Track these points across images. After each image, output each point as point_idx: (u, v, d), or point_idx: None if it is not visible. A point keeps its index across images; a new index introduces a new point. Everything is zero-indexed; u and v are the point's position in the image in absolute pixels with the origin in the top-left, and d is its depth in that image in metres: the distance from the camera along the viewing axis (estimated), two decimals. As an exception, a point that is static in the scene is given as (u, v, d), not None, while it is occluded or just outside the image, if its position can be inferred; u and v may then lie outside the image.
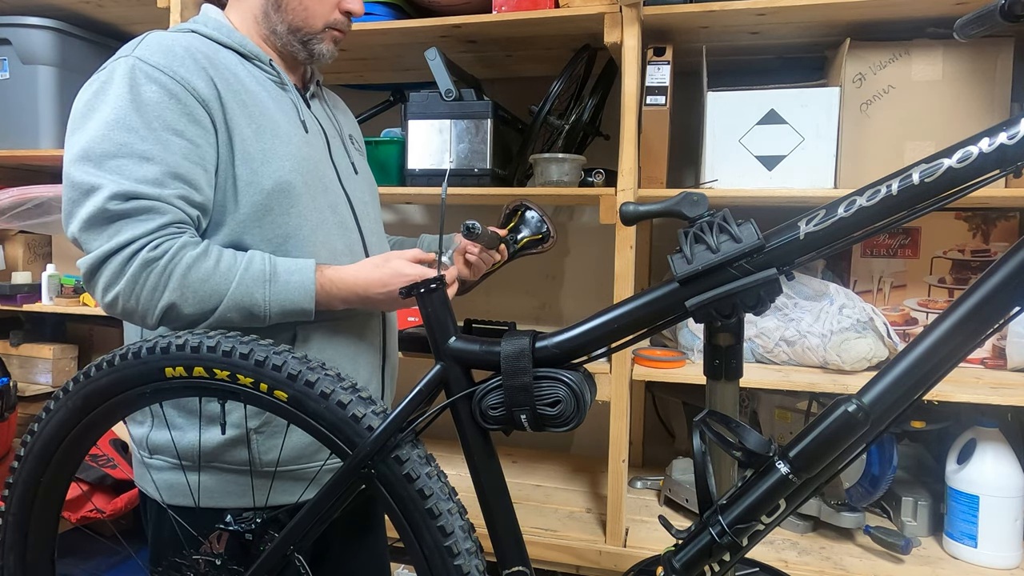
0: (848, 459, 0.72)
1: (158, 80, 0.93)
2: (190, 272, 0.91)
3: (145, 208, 0.90)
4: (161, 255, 0.90)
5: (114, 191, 0.89)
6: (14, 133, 1.98)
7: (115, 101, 0.92)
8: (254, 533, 0.92)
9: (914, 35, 1.51)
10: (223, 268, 0.93)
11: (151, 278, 0.90)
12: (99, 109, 0.93)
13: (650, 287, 0.79)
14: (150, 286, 0.90)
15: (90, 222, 0.90)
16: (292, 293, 0.96)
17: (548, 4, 1.52)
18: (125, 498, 1.76)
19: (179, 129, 0.94)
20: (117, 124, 0.91)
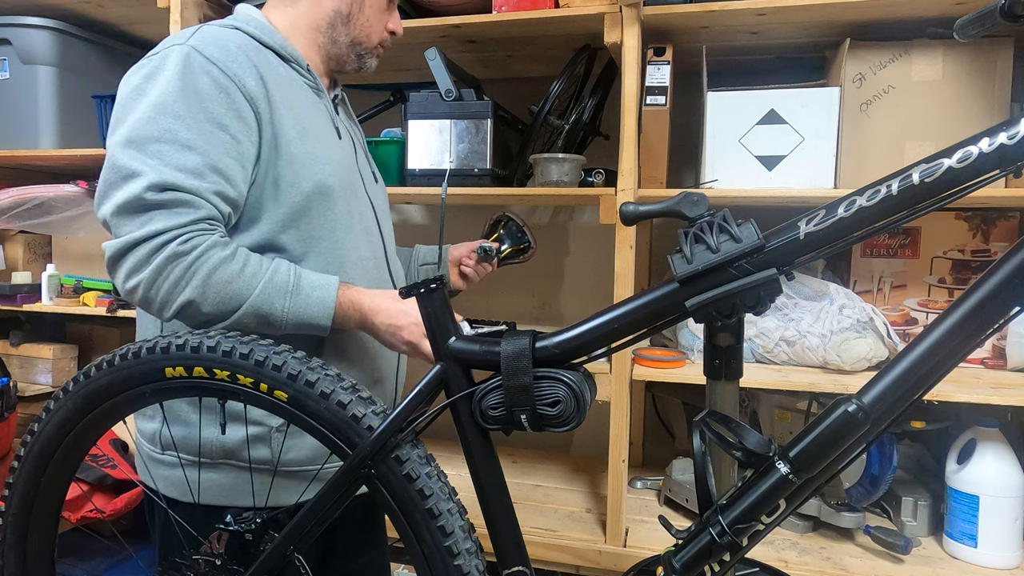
0: (848, 459, 0.72)
1: (210, 73, 0.94)
2: (215, 273, 0.91)
3: (180, 201, 0.90)
4: (189, 250, 0.90)
5: (153, 180, 0.89)
6: (14, 133, 1.99)
7: (165, 86, 0.93)
8: (254, 533, 0.91)
9: (914, 35, 1.51)
10: (248, 273, 0.93)
11: (175, 272, 0.90)
12: (148, 93, 0.93)
13: (650, 287, 0.79)
14: (173, 280, 0.90)
15: (124, 208, 0.90)
16: (312, 308, 0.96)
17: (548, 4, 1.52)
18: (125, 498, 1.76)
19: (224, 123, 0.94)
20: (164, 109, 0.92)
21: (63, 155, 1.93)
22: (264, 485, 1.02)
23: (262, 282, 0.94)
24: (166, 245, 0.89)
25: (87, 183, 1.91)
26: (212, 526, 0.94)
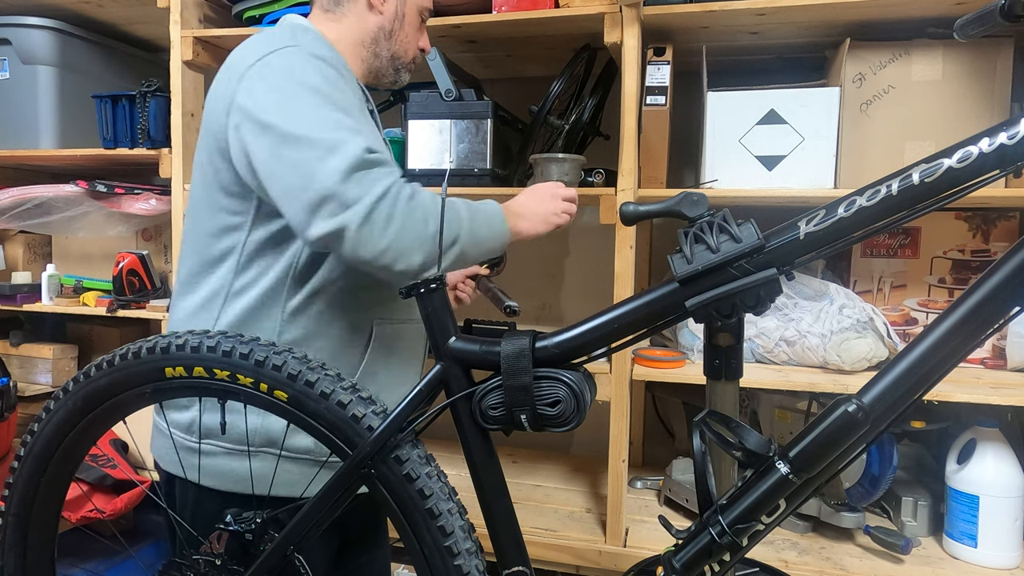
0: (848, 459, 0.72)
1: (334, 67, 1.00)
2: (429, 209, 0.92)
3: (386, 159, 0.92)
4: (414, 193, 0.91)
5: (364, 144, 0.90)
6: (14, 133, 1.99)
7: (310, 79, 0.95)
8: (254, 533, 0.91)
9: (914, 35, 1.51)
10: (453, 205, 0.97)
11: (418, 212, 0.90)
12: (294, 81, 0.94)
13: (650, 287, 0.79)
14: (419, 217, 0.90)
15: (352, 169, 0.88)
16: (496, 223, 1.03)
17: (548, 4, 1.52)
18: (125, 498, 1.76)
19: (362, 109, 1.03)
20: (320, 93, 0.94)
21: (63, 155, 1.93)
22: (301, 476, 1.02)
23: (465, 208, 0.99)
24: (400, 193, 0.90)
25: (87, 183, 1.91)
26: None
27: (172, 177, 1.77)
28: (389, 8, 1.15)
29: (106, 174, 2.10)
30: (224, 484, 1.01)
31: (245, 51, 1.01)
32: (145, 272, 1.89)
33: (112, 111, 1.85)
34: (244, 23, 1.76)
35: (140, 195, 1.92)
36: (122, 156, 1.87)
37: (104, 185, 1.90)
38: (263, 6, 1.71)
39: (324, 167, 0.88)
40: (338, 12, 1.14)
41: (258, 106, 0.94)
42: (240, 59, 1.00)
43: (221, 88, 1.00)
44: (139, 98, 1.82)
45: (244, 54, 1.00)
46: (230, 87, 0.98)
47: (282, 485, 1.01)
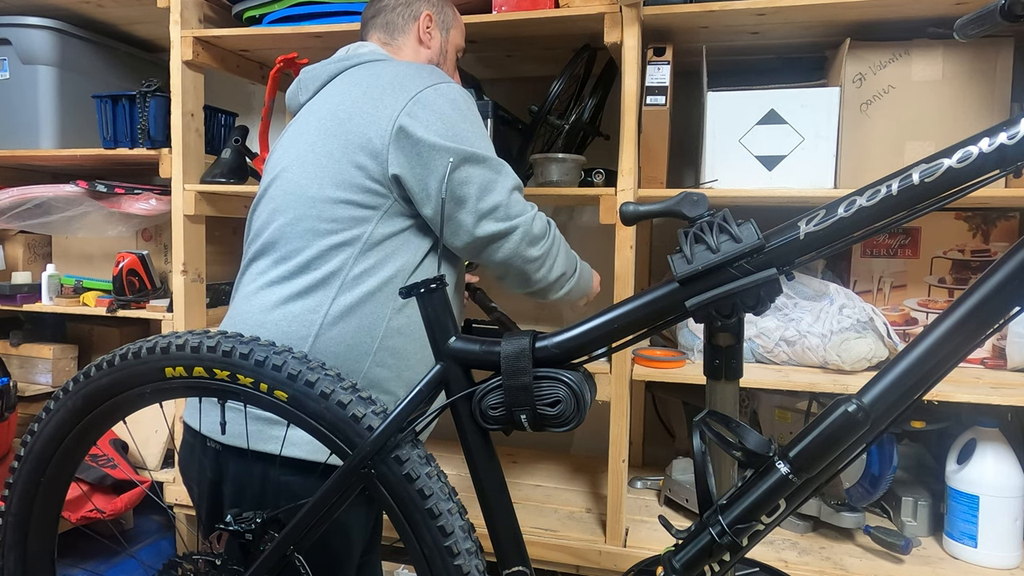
0: (848, 459, 0.72)
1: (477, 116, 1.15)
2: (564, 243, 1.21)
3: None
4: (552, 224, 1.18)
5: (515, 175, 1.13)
6: (14, 133, 1.99)
7: (475, 114, 1.13)
8: (254, 533, 0.92)
9: (914, 35, 1.51)
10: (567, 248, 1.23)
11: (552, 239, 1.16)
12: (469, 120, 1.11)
13: (650, 287, 0.79)
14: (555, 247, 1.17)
15: (515, 189, 1.12)
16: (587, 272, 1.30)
17: (548, 4, 1.52)
18: (125, 498, 1.76)
19: None
20: (486, 133, 1.14)
21: (63, 155, 1.93)
22: None
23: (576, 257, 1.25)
24: (547, 220, 1.16)
25: (87, 183, 1.91)
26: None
27: (172, 177, 1.77)
28: (435, 44, 1.29)
29: (106, 174, 2.10)
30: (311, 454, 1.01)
31: (408, 72, 1.12)
32: (145, 272, 1.89)
33: (112, 111, 1.85)
34: (244, 23, 1.76)
35: (140, 195, 1.92)
36: (122, 156, 1.87)
37: (104, 185, 1.90)
38: (263, 6, 1.71)
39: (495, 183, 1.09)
40: (395, 46, 1.26)
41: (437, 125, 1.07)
42: (409, 80, 1.10)
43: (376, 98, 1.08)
44: (139, 98, 1.82)
45: (410, 75, 1.11)
46: (397, 102, 1.07)
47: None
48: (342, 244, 1.07)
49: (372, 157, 1.06)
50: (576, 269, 1.23)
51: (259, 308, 1.08)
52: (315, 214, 1.07)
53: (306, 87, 1.20)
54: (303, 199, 1.08)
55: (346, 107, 1.10)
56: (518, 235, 1.09)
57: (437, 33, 1.29)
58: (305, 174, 1.09)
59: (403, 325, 1.09)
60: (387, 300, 1.08)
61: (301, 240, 1.08)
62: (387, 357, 1.07)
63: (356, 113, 1.08)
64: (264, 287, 1.09)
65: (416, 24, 1.26)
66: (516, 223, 1.09)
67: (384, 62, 1.16)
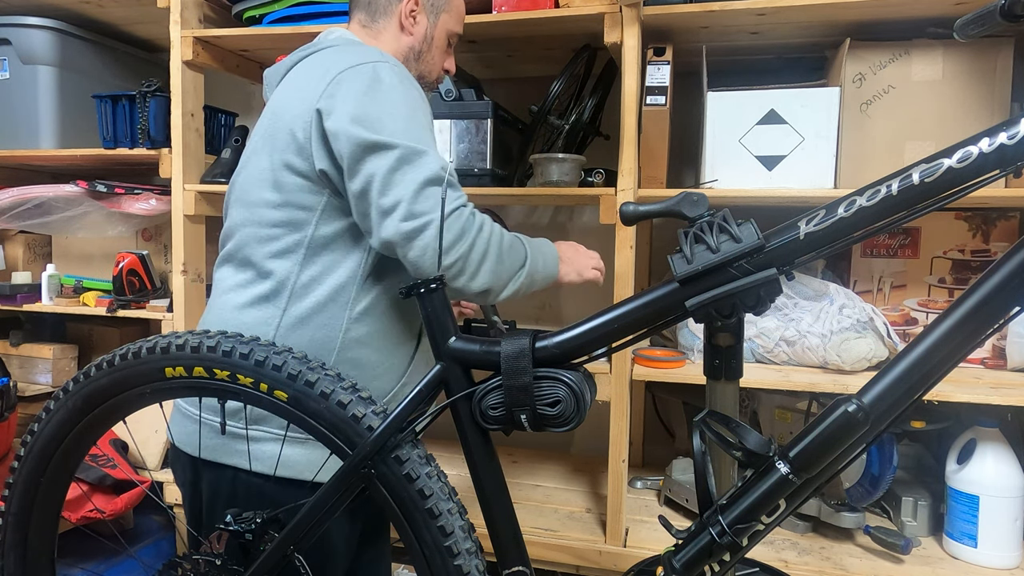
0: (848, 459, 0.72)
1: (418, 89, 1.06)
2: (503, 239, 1.02)
3: (456, 183, 1.00)
4: (483, 221, 0.99)
5: (440, 161, 0.98)
6: (14, 133, 1.99)
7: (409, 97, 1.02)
8: (254, 533, 0.92)
9: (914, 35, 1.51)
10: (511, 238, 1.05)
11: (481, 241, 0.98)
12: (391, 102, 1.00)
13: (650, 287, 0.79)
14: (481, 249, 0.98)
15: (427, 182, 0.95)
16: (551, 262, 1.12)
17: (548, 4, 1.52)
18: (125, 498, 1.75)
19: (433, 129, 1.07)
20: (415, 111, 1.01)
21: (63, 155, 1.93)
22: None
23: (524, 243, 1.07)
24: (472, 216, 0.98)
25: (87, 183, 1.91)
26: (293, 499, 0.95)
27: (172, 177, 1.77)
28: (419, 31, 1.20)
29: (106, 174, 2.10)
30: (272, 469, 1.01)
31: (336, 57, 1.05)
32: (145, 272, 1.89)
33: (112, 111, 1.85)
34: (244, 23, 1.76)
35: (140, 195, 1.92)
36: (122, 156, 1.87)
37: (104, 185, 1.90)
38: (263, 6, 1.71)
39: (398, 176, 0.96)
40: (374, 29, 1.19)
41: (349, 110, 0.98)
42: (333, 63, 1.03)
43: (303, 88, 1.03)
44: (139, 98, 1.82)
45: (336, 59, 1.04)
46: (318, 88, 1.01)
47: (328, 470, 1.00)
48: (285, 251, 1.03)
49: (299, 153, 1.01)
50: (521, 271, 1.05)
51: (229, 307, 1.06)
52: (257, 219, 1.05)
53: (269, 83, 1.17)
54: (247, 204, 1.06)
55: (282, 103, 1.05)
56: (424, 238, 0.94)
57: (424, 18, 1.19)
58: (249, 178, 1.07)
59: (363, 335, 1.04)
60: (341, 309, 1.03)
61: (250, 248, 1.05)
62: (348, 369, 1.02)
63: (288, 109, 1.03)
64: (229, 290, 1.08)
65: (400, 6, 1.17)
66: (420, 224, 0.94)
67: (335, 48, 1.09)
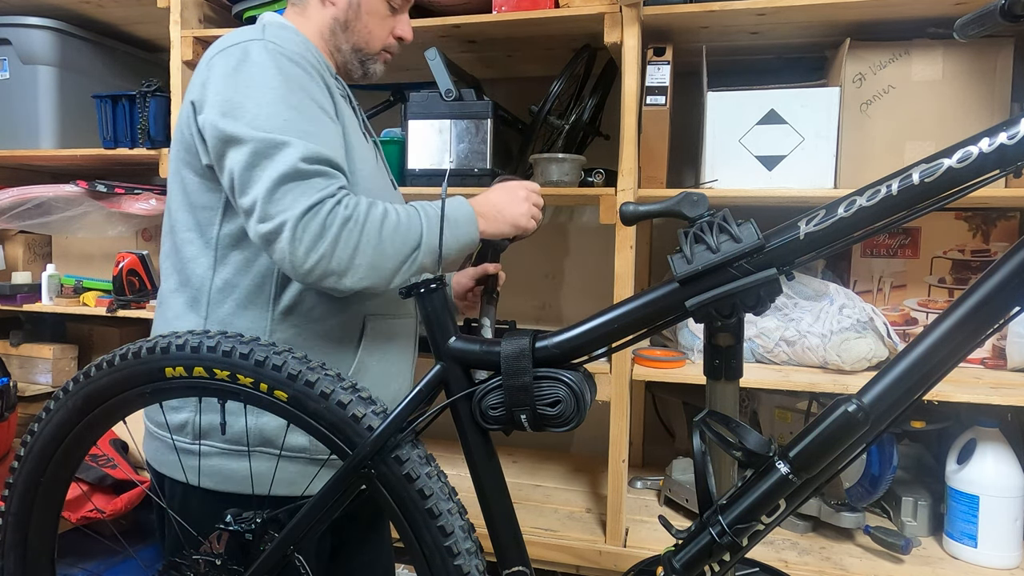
0: (848, 459, 0.72)
1: (299, 64, 0.97)
2: (384, 224, 0.93)
3: (325, 171, 0.91)
4: (355, 212, 0.91)
5: (303, 153, 0.89)
6: (14, 133, 1.98)
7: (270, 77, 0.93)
8: (254, 533, 0.91)
9: (914, 35, 1.51)
10: (404, 215, 0.95)
11: (352, 236, 0.90)
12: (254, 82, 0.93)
13: (650, 287, 0.79)
14: (352, 244, 0.90)
15: (282, 179, 0.88)
16: (463, 226, 1.00)
17: (548, 4, 1.52)
18: (125, 498, 1.75)
19: (327, 112, 0.98)
20: (276, 92, 0.93)
21: (63, 155, 1.93)
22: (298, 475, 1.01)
23: (421, 219, 0.96)
24: (333, 211, 0.89)
25: (87, 183, 1.91)
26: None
27: (172, 177, 1.77)
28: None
29: (106, 174, 2.10)
30: (222, 485, 1.00)
31: (217, 42, 1.01)
32: (145, 272, 1.89)
33: (112, 111, 1.85)
34: (244, 23, 1.76)
35: (140, 195, 1.92)
36: (122, 156, 1.87)
37: (104, 185, 1.90)
38: (263, 6, 1.71)
39: (255, 173, 0.89)
40: (300, 5, 1.12)
41: (210, 101, 0.94)
42: (210, 49, 1.00)
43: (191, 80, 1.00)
44: (139, 98, 1.82)
45: (215, 44, 1.00)
46: (196, 79, 0.98)
47: (280, 484, 1.01)
48: (197, 255, 1.01)
49: (188, 151, 0.98)
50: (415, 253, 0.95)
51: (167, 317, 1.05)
52: (172, 224, 1.04)
53: None
54: (168, 210, 1.06)
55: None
56: (281, 241, 0.88)
57: None
58: (168, 182, 1.07)
59: (290, 337, 1.01)
60: (262, 312, 1.00)
61: (174, 254, 1.04)
62: None
63: (183, 106, 1.00)
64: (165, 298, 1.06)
65: None
66: (274, 226, 0.88)
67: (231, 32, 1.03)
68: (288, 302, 1.00)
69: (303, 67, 0.97)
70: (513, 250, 2.03)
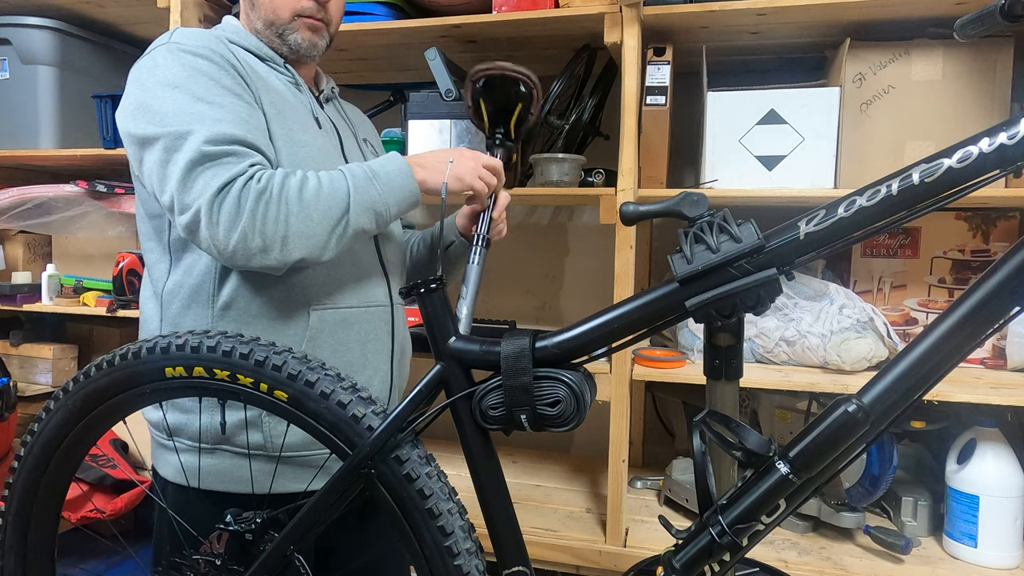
0: (848, 459, 0.72)
1: (201, 55, 0.97)
2: (303, 192, 0.92)
3: (233, 150, 0.91)
4: (268, 185, 0.90)
5: (206, 135, 0.90)
6: (14, 133, 1.98)
7: (171, 74, 0.94)
8: (254, 533, 0.92)
9: (914, 35, 1.51)
10: (327, 179, 0.94)
11: (271, 209, 0.90)
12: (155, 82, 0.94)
13: (650, 287, 0.79)
14: (272, 216, 0.90)
15: (188, 166, 0.89)
16: (396, 179, 0.98)
17: (548, 4, 1.52)
18: (125, 498, 1.76)
19: (236, 92, 0.97)
20: (177, 87, 0.93)
21: (63, 155, 1.93)
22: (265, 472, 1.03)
23: (346, 180, 0.95)
24: (245, 189, 0.89)
25: (87, 183, 1.91)
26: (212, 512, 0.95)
27: (172, 177, 1.77)
28: None
29: (106, 174, 2.10)
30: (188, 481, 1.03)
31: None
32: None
33: (112, 111, 1.85)
34: (244, 23, 1.76)
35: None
36: (122, 156, 1.87)
37: (104, 185, 1.90)
38: None
39: (167, 169, 0.91)
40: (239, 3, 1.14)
41: (123, 110, 0.97)
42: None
43: None
44: (139, 98, 1.82)
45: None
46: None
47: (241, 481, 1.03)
48: (157, 260, 1.06)
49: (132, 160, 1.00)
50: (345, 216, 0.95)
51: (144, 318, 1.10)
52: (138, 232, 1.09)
53: None
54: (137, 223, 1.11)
55: None
56: (202, 226, 0.89)
57: None
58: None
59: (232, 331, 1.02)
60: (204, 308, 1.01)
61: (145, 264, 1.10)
62: None
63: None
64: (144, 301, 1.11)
65: None
66: (192, 215, 0.89)
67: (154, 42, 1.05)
68: (226, 298, 1.01)
69: (208, 57, 0.97)
70: (513, 250, 2.04)
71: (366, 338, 1.10)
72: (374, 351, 1.12)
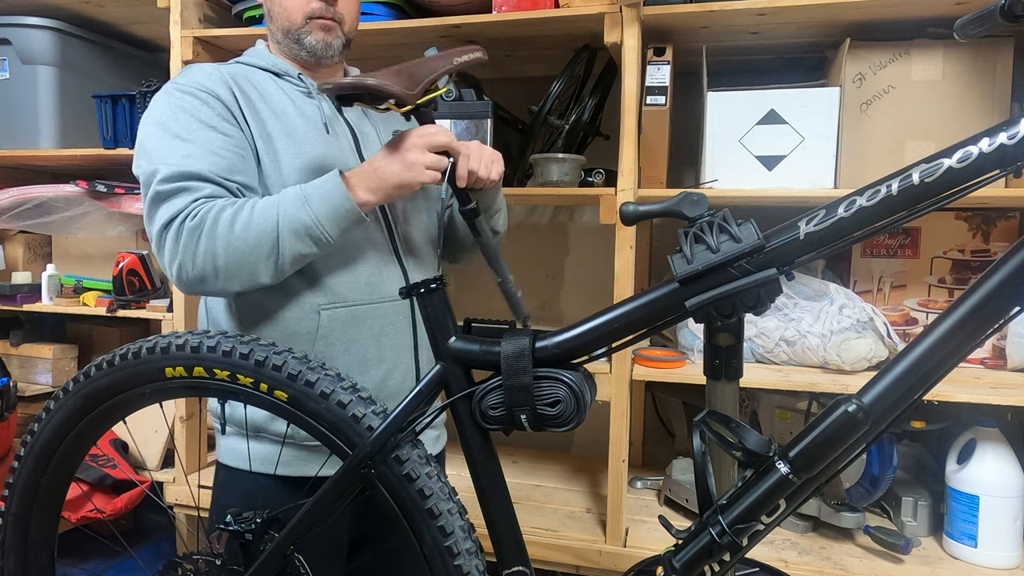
0: (848, 459, 0.72)
1: (189, 92, 1.05)
2: (234, 224, 0.96)
3: (184, 187, 0.99)
4: (200, 221, 0.97)
5: (163, 174, 0.99)
6: (14, 133, 1.99)
7: (159, 113, 1.05)
8: (254, 533, 0.92)
9: (914, 35, 1.51)
10: (260, 208, 0.98)
11: (201, 243, 0.96)
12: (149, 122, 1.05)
13: (650, 287, 0.79)
14: (202, 250, 0.97)
15: (149, 205, 1.01)
16: (331, 199, 0.98)
17: (548, 4, 1.52)
18: (125, 498, 1.76)
19: (212, 125, 1.03)
20: (162, 125, 1.03)
21: (63, 155, 1.93)
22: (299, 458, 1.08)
23: (278, 207, 0.98)
24: (182, 226, 0.97)
25: (87, 183, 1.91)
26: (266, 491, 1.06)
27: (172, 177, 1.77)
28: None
29: (106, 174, 2.10)
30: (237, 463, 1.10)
31: None
32: (145, 272, 1.89)
33: (112, 111, 1.85)
34: (244, 23, 1.76)
35: (140, 195, 1.92)
36: (122, 156, 1.87)
37: (104, 185, 1.90)
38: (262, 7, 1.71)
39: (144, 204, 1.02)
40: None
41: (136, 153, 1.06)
42: None
43: None
44: (139, 98, 1.82)
45: None
46: None
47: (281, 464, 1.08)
48: None
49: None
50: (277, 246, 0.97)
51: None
52: None
53: None
54: None
55: None
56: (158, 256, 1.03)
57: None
58: None
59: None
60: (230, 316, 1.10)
61: None
62: None
63: None
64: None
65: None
66: (153, 245, 1.02)
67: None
68: (243, 303, 1.08)
69: (194, 95, 1.04)
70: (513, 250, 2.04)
71: (380, 333, 1.10)
72: (390, 345, 1.12)
